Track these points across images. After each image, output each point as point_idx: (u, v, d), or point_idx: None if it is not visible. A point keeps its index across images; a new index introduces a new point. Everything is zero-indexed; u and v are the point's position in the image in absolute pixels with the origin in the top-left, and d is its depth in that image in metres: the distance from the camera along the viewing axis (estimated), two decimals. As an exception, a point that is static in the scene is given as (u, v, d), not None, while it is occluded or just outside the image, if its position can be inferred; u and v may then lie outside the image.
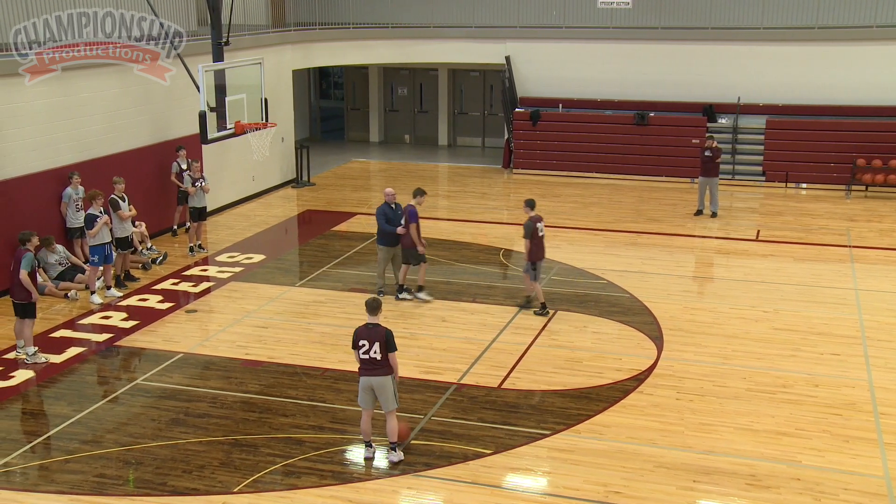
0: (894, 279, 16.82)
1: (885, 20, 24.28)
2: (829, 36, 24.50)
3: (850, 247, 18.77)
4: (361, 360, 10.03)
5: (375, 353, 9.91)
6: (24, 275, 12.85)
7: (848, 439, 10.74)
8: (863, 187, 23.59)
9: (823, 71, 24.68)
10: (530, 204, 14.94)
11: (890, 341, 13.77)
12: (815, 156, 24.25)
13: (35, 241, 13.28)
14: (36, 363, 12.94)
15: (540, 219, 14.84)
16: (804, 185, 24.31)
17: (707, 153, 21.08)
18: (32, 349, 13.07)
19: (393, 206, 15.41)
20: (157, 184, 19.08)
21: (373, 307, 10.12)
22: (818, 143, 24.24)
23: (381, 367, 9.96)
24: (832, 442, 10.67)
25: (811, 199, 23.27)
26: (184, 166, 18.86)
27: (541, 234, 14.76)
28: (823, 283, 16.47)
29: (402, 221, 15.28)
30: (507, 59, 26.72)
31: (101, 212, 15.35)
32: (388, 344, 9.95)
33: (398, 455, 10.21)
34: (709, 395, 11.87)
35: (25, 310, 13.01)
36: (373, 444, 10.36)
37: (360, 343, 9.99)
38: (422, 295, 15.57)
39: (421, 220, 15.55)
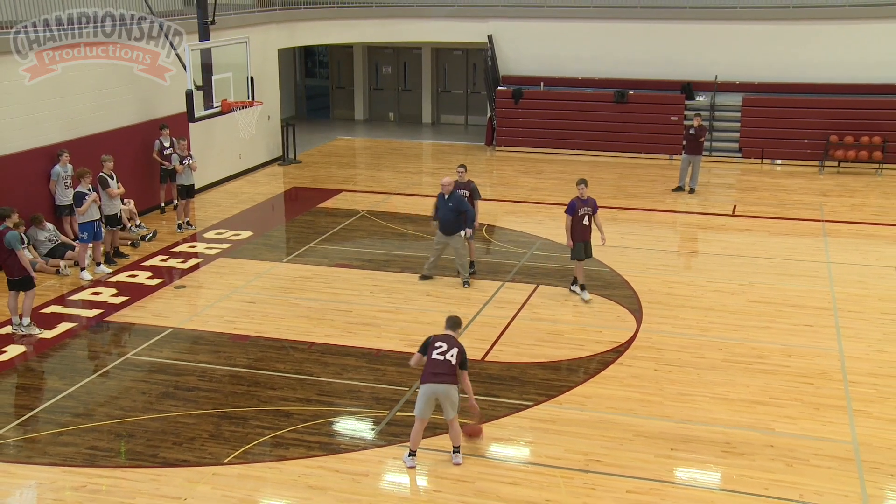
0: (865, 252, 17.16)
1: (857, -1, 24.62)
2: (804, 15, 24.80)
3: (822, 221, 19.13)
4: (431, 363, 9.48)
5: (451, 356, 9.48)
6: (22, 255, 12.95)
7: (819, 407, 11.04)
8: (835, 163, 23.95)
9: (798, 49, 24.98)
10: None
11: (860, 312, 14.10)
12: (789, 133, 24.58)
13: (15, 217, 13.17)
14: (30, 334, 13.08)
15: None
16: (779, 162, 24.66)
17: (692, 131, 21.33)
18: (27, 320, 13.20)
19: (446, 196, 14.92)
20: (146, 162, 19.16)
21: (454, 325, 9.78)
22: (793, 121, 24.57)
23: (451, 374, 9.47)
24: (804, 410, 10.96)
25: (786, 174, 23.60)
26: (166, 144, 18.94)
27: None
28: (797, 256, 16.81)
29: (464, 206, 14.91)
30: (490, 37, 26.84)
31: (89, 189, 15.43)
32: (464, 360, 9.60)
33: (460, 458, 9.77)
34: (686, 366, 12.14)
35: (24, 283, 13.11)
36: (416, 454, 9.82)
37: (437, 344, 9.54)
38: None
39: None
